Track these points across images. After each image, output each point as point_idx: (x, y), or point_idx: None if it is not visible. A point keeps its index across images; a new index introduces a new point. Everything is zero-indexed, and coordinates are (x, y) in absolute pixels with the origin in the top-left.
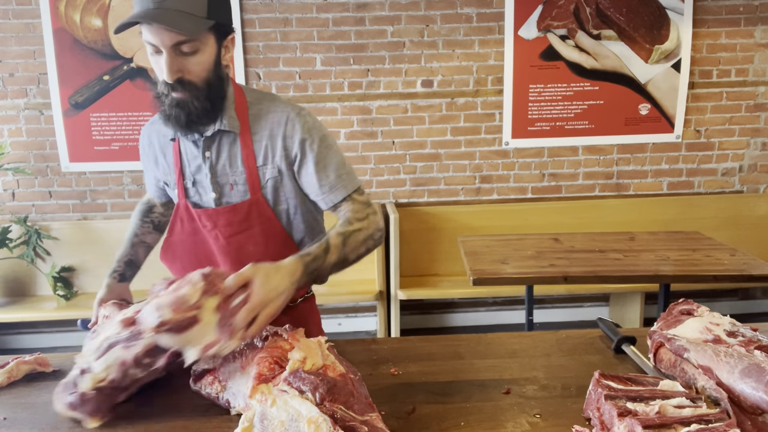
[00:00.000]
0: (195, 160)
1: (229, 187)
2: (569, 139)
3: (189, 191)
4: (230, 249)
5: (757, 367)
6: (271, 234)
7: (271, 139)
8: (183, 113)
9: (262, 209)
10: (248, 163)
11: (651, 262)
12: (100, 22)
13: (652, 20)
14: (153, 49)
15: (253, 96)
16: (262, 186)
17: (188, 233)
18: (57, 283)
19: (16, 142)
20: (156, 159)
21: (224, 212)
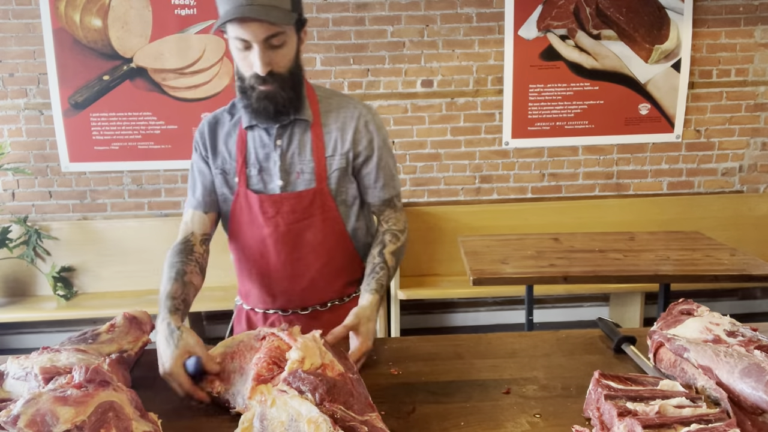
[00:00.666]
0: (264, 147)
1: (296, 175)
2: (569, 139)
3: (252, 179)
4: (289, 236)
5: (757, 367)
6: (329, 223)
7: (341, 132)
8: (271, 105)
9: (325, 199)
10: (317, 153)
11: (651, 262)
12: (100, 22)
13: (652, 20)
14: (242, 45)
15: (322, 92)
16: (328, 176)
17: (247, 220)
18: (57, 283)
19: (16, 142)
20: (215, 148)
21: (289, 198)
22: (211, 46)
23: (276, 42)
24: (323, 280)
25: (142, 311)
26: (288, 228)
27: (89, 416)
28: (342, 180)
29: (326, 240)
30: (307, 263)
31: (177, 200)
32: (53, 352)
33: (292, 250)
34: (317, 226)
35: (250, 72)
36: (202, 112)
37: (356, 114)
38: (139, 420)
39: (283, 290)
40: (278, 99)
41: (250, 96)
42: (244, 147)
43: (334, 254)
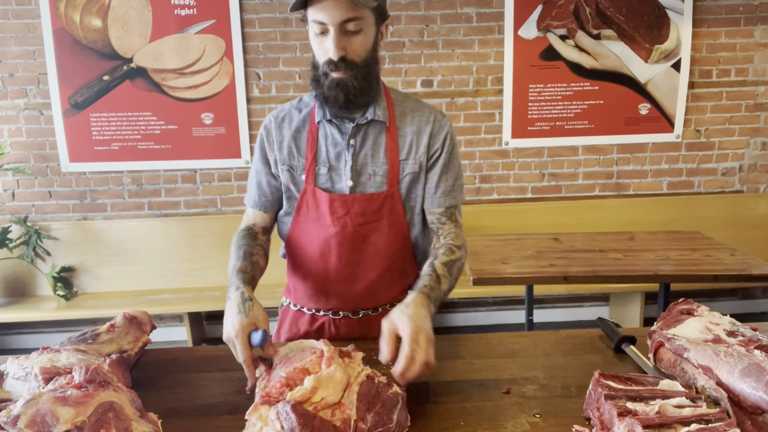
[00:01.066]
0: (336, 146)
1: (367, 176)
2: (569, 138)
3: (320, 177)
4: (355, 238)
5: (757, 367)
6: (395, 228)
7: (417, 135)
8: (342, 93)
9: (395, 203)
10: (391, 155)
11: (651, 262)
12: (100, 22)
13: (652, 20)
14: (320, 29)
15: (396, 95)
16: (400, 180)
17: (313, 217)
18: (57, 283)
19: (16, 142)
20: (281, 143)
21: (361, 200)
22: (210, 46)
23: (352, 27)
24: (381, 285)
25: (142, 311)
26: (355, 229)
27: (89, 416)
28: (413, 185)
29: (390, 245)
30: (367, 267)
31: (177, 200)
32: (53, 353)
33: (355, 252)
34: (383, 230)
35: (324, 58)
36: (202, 112)
37: (432, 118)
38: (139, 420)
39: (339, 292)
40: (350, 87)
41: (322, 84)
42: (315, 144)
43: (395, 260)
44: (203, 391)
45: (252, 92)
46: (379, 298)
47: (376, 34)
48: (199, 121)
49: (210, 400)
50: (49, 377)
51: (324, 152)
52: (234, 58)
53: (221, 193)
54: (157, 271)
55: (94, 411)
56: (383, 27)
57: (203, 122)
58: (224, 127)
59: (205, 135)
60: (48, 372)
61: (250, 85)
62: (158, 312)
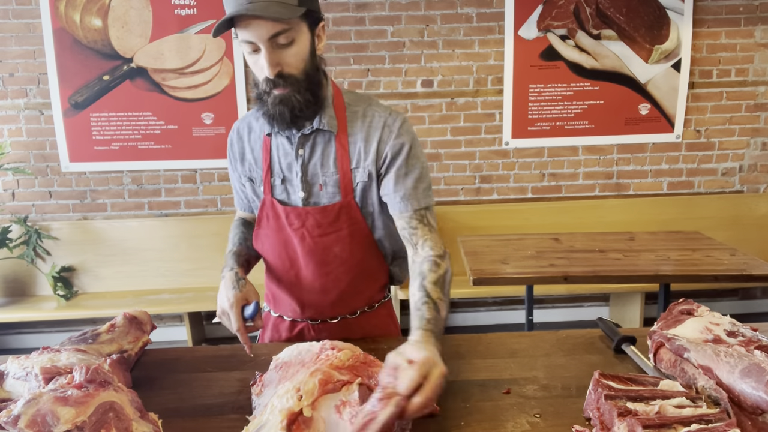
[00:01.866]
0: (287, 157)
1: (318, 187)
2: (569, 139)
3: (276, 188)
4: (317, 249)
5: (757, 367)
6: (358, 236)
7: (365, 142)
8: (287, 109)
9: (352, 212)
10: (342, 164)
11: (651, 262)
12: (100, 22)
13: (652, 20)
14: (251, 48)
15: (350, 98)
16: (354, 188)
17: (273, 229)
18: (57, 283)
19: (16, 142)
20: (243, 154)
21: (313, 213)
22: (211, 46)
23: (283, 40)
24: (353, 292)
25: (142, 311)
26: (314, 241)
27: (90, 416)
28: (367, 192)
29: (355, 253)
30: (336, 277)
31: (177, 200)
32: (53, 352)
33: (321, 264)
34: (345, 239)
35: (262, 76)
36: (202, 112)
37: (381, 122)
38: (139, 420)
39: (313, 302)
40: (293, 103)
41: (266, 102)
42: (269, 155)
43: (363, 266)
44: (203, 391)
45: (252, 92)
46: (355, 303)
47: (312, 39)
48: (199, 121)
49: (210, 400)
50: (50, 377)
51: (277, 163)
52: (234, 58)
53: (221, 193)
54: (157, 271)
55: (94, 411)
56: (318, 30)
57: (203, 122)
58: (224, 127)
59: (205, 135)
60: (48, 372)
61: (250, 85)
62: (158, 312)
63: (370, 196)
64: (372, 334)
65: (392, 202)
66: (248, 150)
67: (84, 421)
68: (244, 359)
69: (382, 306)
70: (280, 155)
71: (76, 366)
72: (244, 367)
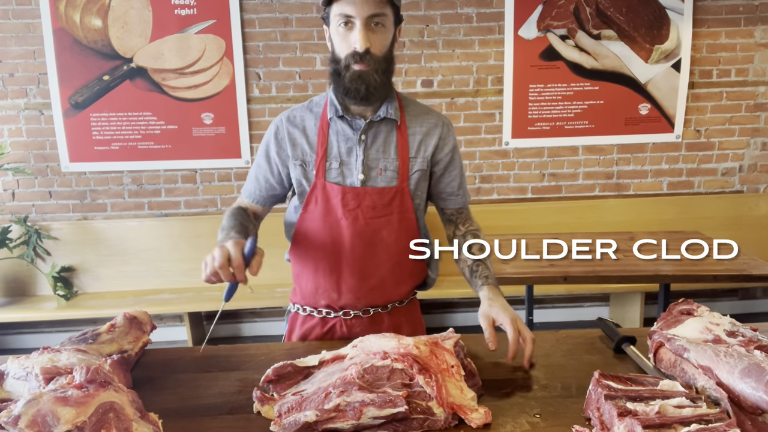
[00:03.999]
0: (347, 141)
1: (378, 171)
2: (569, 139)
3: (331, 171)
4: (367, 231)
5: (757, 367)
6: (405, 224)
7: (426, 136)
8: (364, 85)
9: (405, 198)
10: (402, 152)
11: (651, 262)
12: (100, 22)
13: (652, 20)
14: (344, 21)
15: (406, 98)
16: (410, 176)
17: (321, 212)
18: (57, 283)
19: (16, 142)
20: (294, 140)
21: (372, 193)
22: (211, 46)
23: (377, 22)
24: (391, 281)
25: (142, 311)
26: (366, 222)
27: (90, 417)
28: (420, 182)
29: (400, 240)
30: (379, 261)
31: (177, 200)
32: (54, 352)
33: (367, 246)
34: (394, 224)
35: (348, 51)
36: (202, 112)
37: (440, 122)
38: (140, 421)
39: (351, 287)
40: (371, 80)
41: (343, 76)
42: (326, 139)
43: (404, 256)
44: (203, 391)
45: (252, 92)
46: (390, 294)
47: (394, 32)
48: (199, 121)
49: (210, 400)
50: (50, 377)
51: (335, 148)
52: (234, 58)
53: (221, 193)
54: (157, 271)
55: (94, 411)
56: (398, 29)
57: (203, 122)
58: (224, 127)
59: (205, 135)
60: (49, 372)
61: (250, 85)
62: (158, 312)
63: (421, 188)
64: (400, 333)
65: (455, 197)
66: (300, 136)
67: (84, 421)
68: (244, 359)
69: (410, 303)
70: (340, 140)
71: (77, 366)
72: (244, 367)
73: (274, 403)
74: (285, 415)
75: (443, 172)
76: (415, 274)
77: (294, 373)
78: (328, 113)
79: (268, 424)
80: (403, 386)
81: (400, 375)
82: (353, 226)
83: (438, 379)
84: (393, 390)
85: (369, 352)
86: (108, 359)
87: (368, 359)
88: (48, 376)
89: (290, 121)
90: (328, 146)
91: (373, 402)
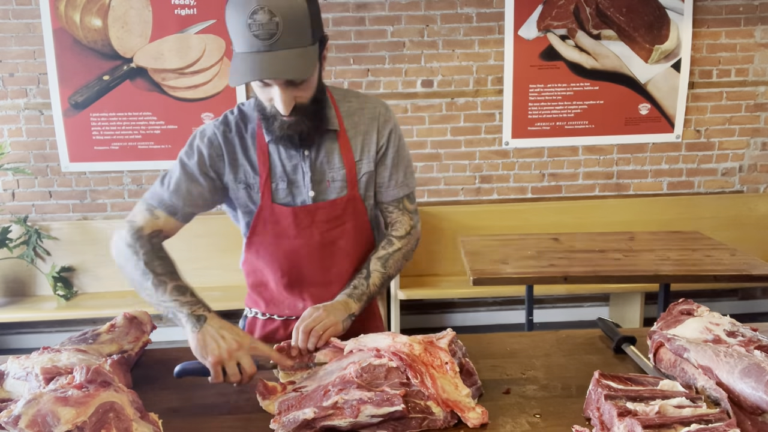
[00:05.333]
0: (291, 159)
1: (326, 183)
2: (569, 139)
3: (279, 192)
4: (324, 243)
5: (757, 367)
6: (360, 228)
7: (366, 134)
8: (296, 134)
9: (357, 204)
10: (347, 159)
11: (651, 262)
12: (100, 22)
13: (652, 20)
14: (261, 83)
15: (338, 94)
16: (358, 181)
17: (272, 234)
18: (57, 283)
19: (16, 142)
20: (234, 161)
21: (323, 207)
22: (210, 46)
23: (298, 82)
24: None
25: (142, 311)
26: (322, 236)
27: (90, 417)
28: (369, 184)
29: (358, 245)
30: (340, 269)
31: None
32: (54, 352)
33: (326, 258)
34: (349, 232)
35: (270, 105)
36: (202, 112)
37: (375, 113)
38: (140, 421)
39: (315, 295)
40: (303, 128)
41: (272, 124)
42: (267, 160)
43: (364, 258)
44: (203, 391)
45: (252, 92)
46: None
47: (320, 64)
48: (199, 121)
49: (210, 400)
50: (50, 377)
51: (279, 167)
52: None
53: None
54: None
55: (94, 411)
56: (324, 51)
57: (203, 122)
58: None
59: None
60: (49, 372)
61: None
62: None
63: (370, 189)
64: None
65: (384, 190)
66: (240, 156)
67: (84, 421)
68: None
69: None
70: (283, 159)
71: (77, 366)
72: None
73: (275, 398)
74: (285, 413)
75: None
76: None
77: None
78: (265, 136)
79: (268, 424)
80: (401, 385)
81: (397, 374)
82: (309, 243)
83: (432, 376)
84: (391, 389)
85: (364, 347)
86: (108, 359)
87: (366, 358)
88: (48, 376)
89: (225, 137)
90: (271, 166)
91: (371, 400)
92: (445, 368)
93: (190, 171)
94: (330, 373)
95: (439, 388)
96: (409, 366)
